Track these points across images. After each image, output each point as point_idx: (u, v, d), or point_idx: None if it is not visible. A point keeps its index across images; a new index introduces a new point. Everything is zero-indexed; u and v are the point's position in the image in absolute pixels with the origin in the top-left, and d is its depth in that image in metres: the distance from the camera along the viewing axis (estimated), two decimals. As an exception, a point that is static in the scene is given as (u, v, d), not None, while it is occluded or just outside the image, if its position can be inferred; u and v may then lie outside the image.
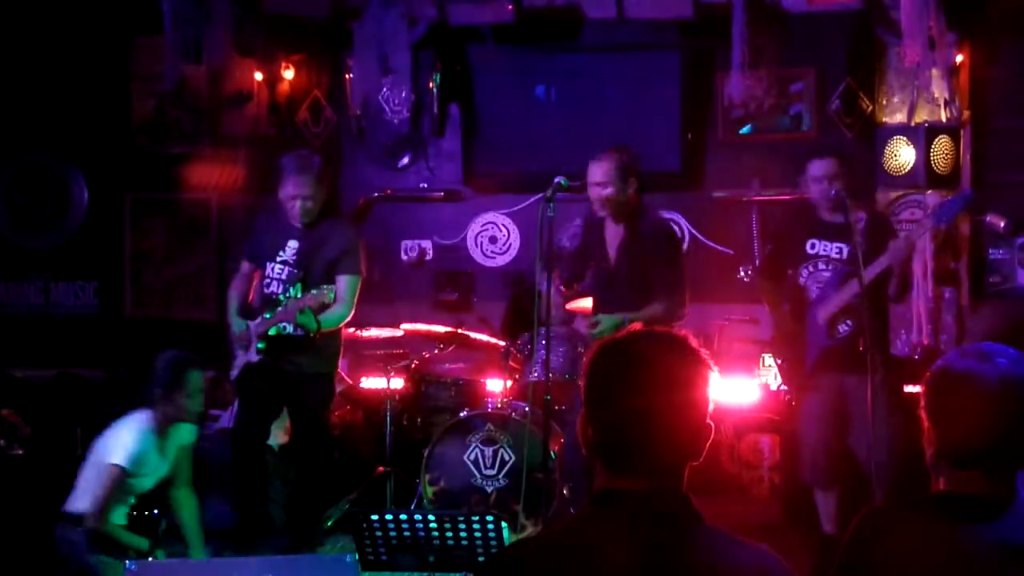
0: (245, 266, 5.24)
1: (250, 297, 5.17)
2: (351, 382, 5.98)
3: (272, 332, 4.93)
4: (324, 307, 4.84)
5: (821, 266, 4.91)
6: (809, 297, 4.93)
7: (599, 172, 4.86)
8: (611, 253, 5.01)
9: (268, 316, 4.91)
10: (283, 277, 4.98)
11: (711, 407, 1.82)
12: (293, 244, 5.00)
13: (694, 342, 1.84)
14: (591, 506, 1.82)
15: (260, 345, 4.94)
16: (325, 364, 5.07)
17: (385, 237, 7.33)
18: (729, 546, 1.77)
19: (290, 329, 4.92)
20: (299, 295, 4.89)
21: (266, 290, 5.02)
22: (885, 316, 4.96)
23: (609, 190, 4.86)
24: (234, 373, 5.10)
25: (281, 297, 4.94)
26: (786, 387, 5.47)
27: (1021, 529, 1.98)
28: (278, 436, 5.45)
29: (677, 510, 1.78)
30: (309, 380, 5.03)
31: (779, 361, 5.27)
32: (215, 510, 5.26)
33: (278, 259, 5.00)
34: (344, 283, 4.95)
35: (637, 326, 4.31)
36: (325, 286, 4.80)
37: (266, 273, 5.03)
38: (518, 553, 1.86)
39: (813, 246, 4.92)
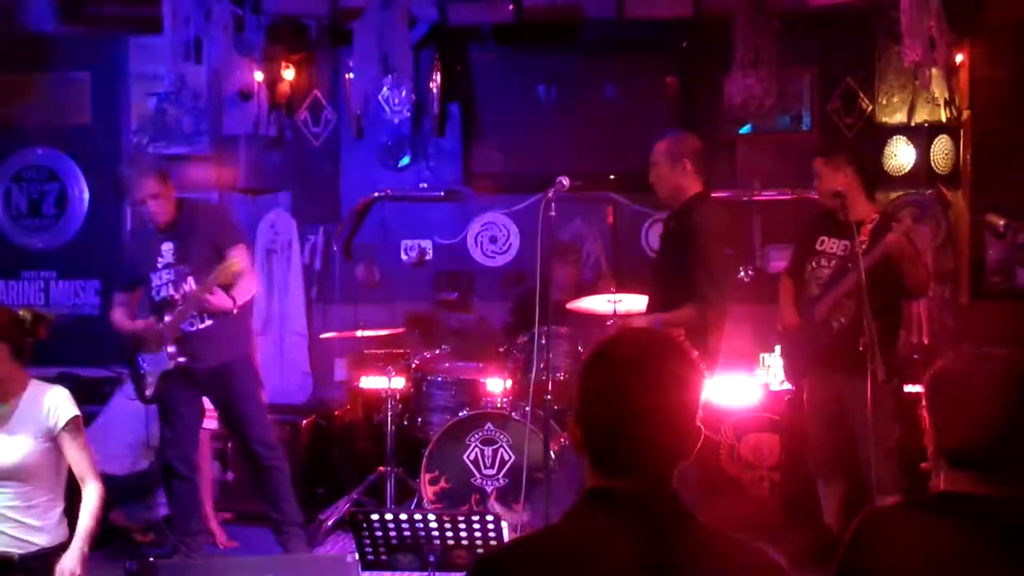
0: (120, 297, 5.15)
1: (134, 319, 5.09)
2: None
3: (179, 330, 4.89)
4: (235, 277, 4.80)
5: (823, 262, 4.95)
6: (811, 294, 4.96)
7: (656, 150, 4.82)
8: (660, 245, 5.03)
9: (168, 319, 4.87)
10: (172, 278, 4.94)
11: (700, 409, 1.83)
12: (168, 246, 4.97)
13: (685, 344, 1.85)
14: (583, 506, 1.82)
15: (171, 349, 4.88)
16: (239, 348, 5.04)
17: (385, 237, 7.33)
18: (725, 544, 1.78)
19: (197, 325, 4.89)
20: (195, 288, 4.85)
21: (157, 297, 4.96)
22: (891, 316, 4.87)
23: (654, 169, 4.82)
24: (149, 392, 4.98)
25: (177, 296, 4.90)
26: (788, 383, 5.47)
27: (1019, 529, 1.98)
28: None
29: (669, 509, 1.79)
30: (228, 368, 4.99)
31: (784, 358, 5.34)
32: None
33: (159, 265, 4.96)
34: (239, 254, 4.93)
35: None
36: (226, 260, 4.74)
37: (152, 285, 4.97)
38: (510, 553, 1.86)
39: (822, 243, 4.97)
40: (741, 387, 6.02)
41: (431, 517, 3.60)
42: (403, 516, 3.62)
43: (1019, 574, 1.95)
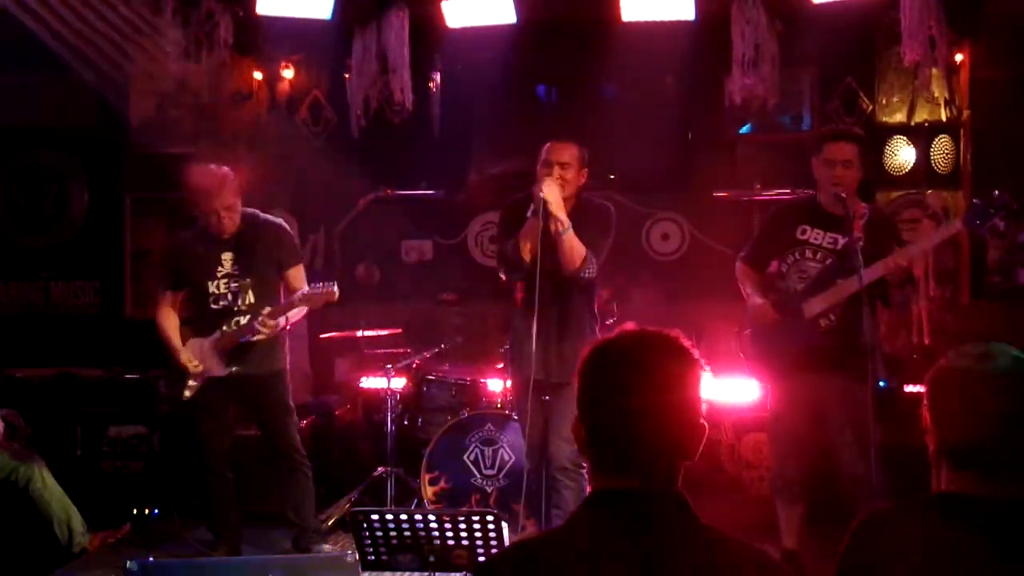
0: (168, 297, 5.10)
1: (178, 322, 5.09)
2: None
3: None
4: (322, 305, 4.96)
5: (808, 254, 4.59)
6: (790, 287, 4.63)
7: (567, 153, 4.69)
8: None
9: (228, 329, 4.91)
10: (233, 289, 4.95)
11: (704, 407, 1.81)
12: (227, 256, 4.98)
13: (685, 342, 1.83)
14: (587, 507, 1.81)
15: (223, 360, 4.95)
16: (282, 360, 5.12)
17: (385, 237, 7.33)
18: (726, 545, 1.77)
19: (249, 337, 4.93)
20: (253, 301, 4.92)
21: (215, 306, 4.96)
22: (874, 314, 4.65)
23: (571, 173, 4.69)
24: (188, 393, 4.99)
25: (236, 308, 4.93)
26: (760, 384, 5.31)
27: (1020, 530, 1.97)
28: None
29: (672, 510, 1.77)
30: (274, 377, 5.07)
31: (755, 354, 4.84)
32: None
33: (219, 275, 4.97)
34: (300, 273, 5.06)
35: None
36: (321, 291, 4.83)
37: (208, 292, 4.97)
38: (514, 555, 1.86)
39: (804, 232, 4.60)
40: (741, 387, 6.02)
41: (431, 517, 3.60)
42: (403, 516, 3.62)
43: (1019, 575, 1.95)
